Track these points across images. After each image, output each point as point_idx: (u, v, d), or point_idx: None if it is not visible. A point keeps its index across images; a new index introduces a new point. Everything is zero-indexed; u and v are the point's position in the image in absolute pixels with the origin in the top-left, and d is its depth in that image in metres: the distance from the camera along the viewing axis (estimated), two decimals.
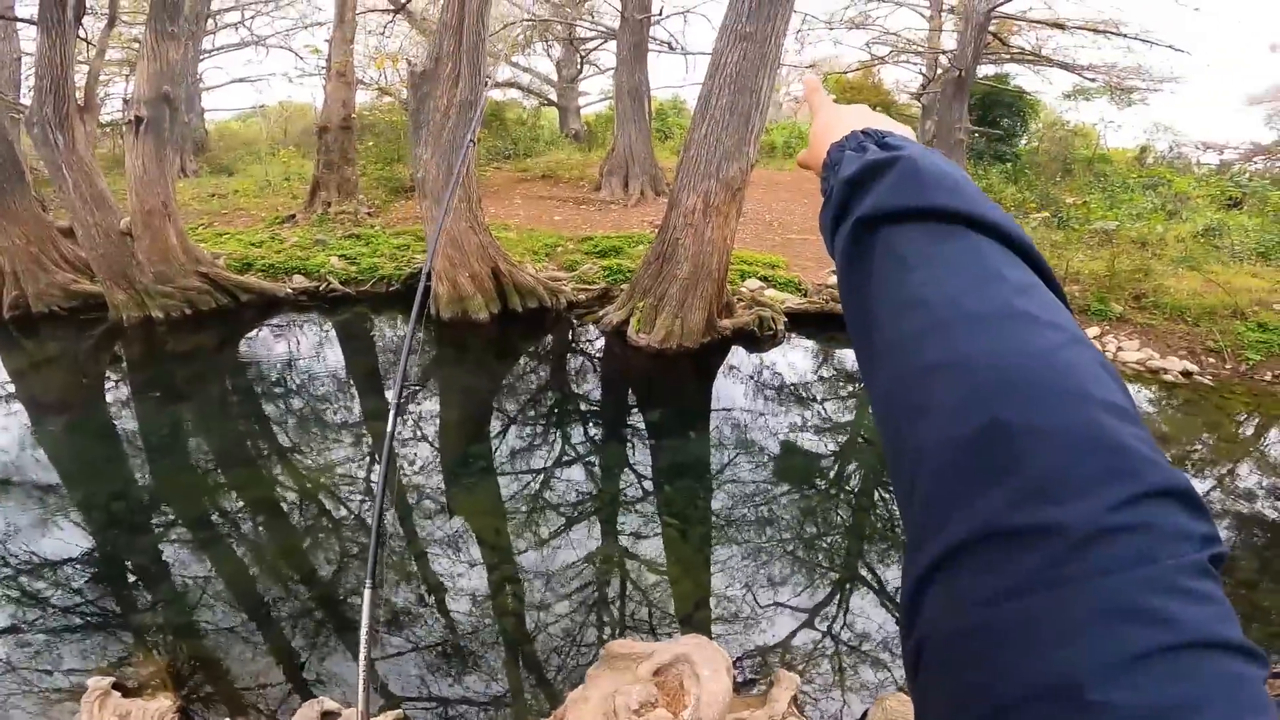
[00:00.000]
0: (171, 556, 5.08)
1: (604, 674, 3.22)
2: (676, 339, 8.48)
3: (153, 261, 8.39)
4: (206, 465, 6.40)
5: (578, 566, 5.26)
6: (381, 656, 4.27)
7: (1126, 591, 0.33)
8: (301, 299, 9.70)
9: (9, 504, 5.50)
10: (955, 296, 0.47)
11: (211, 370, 8.05)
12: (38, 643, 4.13)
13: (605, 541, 5.60)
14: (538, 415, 7.69)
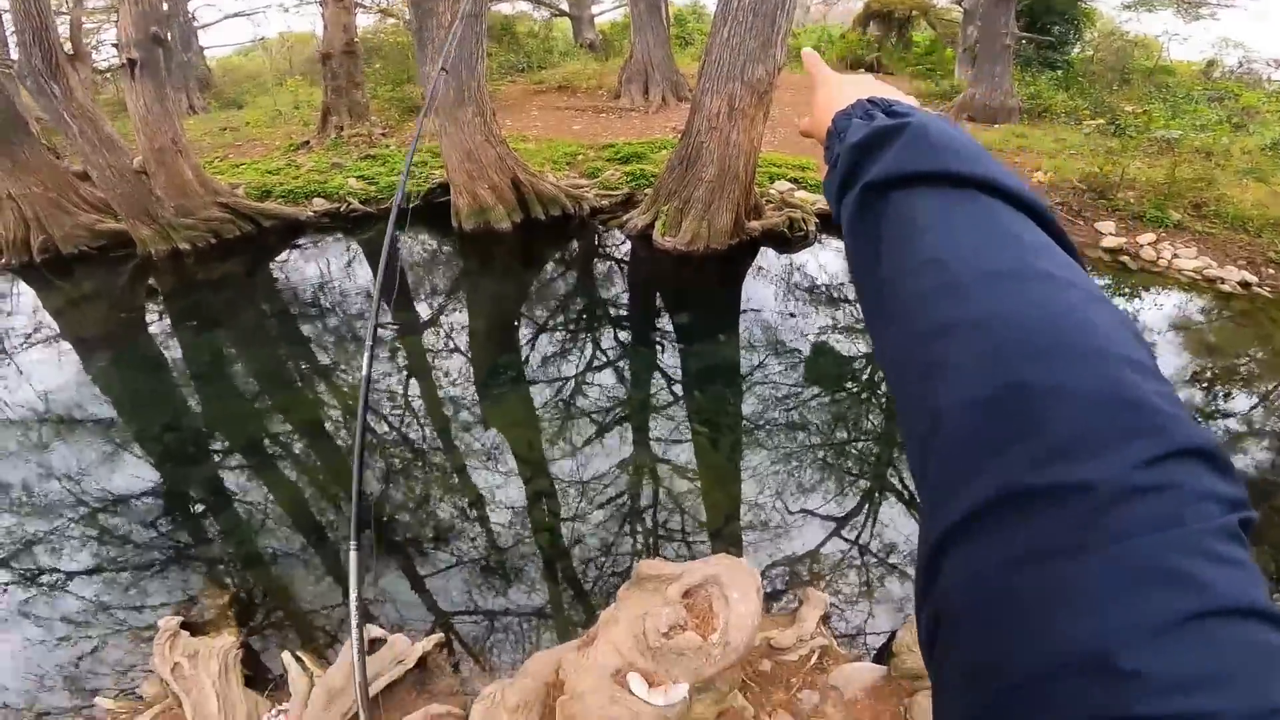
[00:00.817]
0: (225, 485, 5.20)
1: (634, 594, 3.22)
2: (703, 241, 8.37)
3: (171, 196, 8.49)
4: (250, 390, 6.50)
5: (610, 476, 5.29)
6: (430, 573, 4.41)
7: (1155, 554, 0.32)
8: (323, 221, 9.76)
9: (71, 441, 5.66)
10: (970, 257, 0.46)
11: (244, 296, 8.15)
12: (107, 582, 4.30)
13: (636, 450, 5.62)
14: (565, 321, 7.70)
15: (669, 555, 4.66)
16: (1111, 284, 8.33)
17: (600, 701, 2.70)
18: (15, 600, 4.14)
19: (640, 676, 2.80)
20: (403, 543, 4.63)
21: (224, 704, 3.04)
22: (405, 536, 4.69)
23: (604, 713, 2.67)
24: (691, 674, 2.77)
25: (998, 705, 0.33)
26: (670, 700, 2.70)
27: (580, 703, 2.72)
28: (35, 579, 4.31)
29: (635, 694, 2.74)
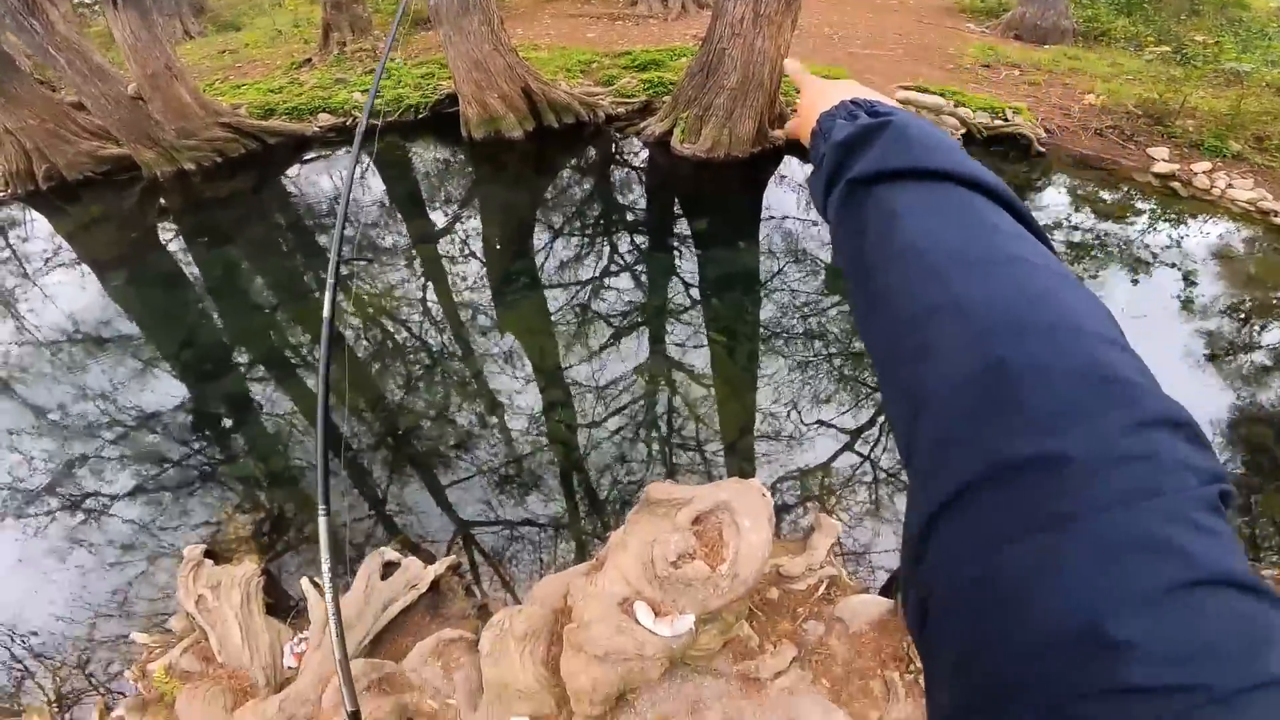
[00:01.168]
0: (244, 401, 5.24)
1: (643, 519, 3.13)
2: (724, 149, 8.05)
3: (170, 120, 8.36)
4: (265, 302, 6.51)
5: (626, 382, 5.26)
6: (450, 483, 4.46)
7: (1138, 524, 0.33)
8: (330, 135, 9.54)
9: (100, 360, 5.75)
10: (951, 245, 0.48)
11: (253, 211, 8.08)
12: (139, 506, 4.39)
13: (652, 357, 5.57)
14: (580, 227, 7.54)
15: (683, 463, 4.70)
16: (1156, 208, 7.97)
17: (606, 631, 2.71)
18: (64, 527, 4.27)
19: (647, 606, 2.79)
20: (422, 452, 4.70)
21: (247, 635, 3.11)
22: (423, 445, 4.76)
23: (610, 643, 2.68)
24: (698, 605, 2.75)
25: (991, 681, 0.34)
26: (676, 631, 2.69)
27: (587, 632, 2.73)
28: (76, 505, 4.44)
29: (641, 624, 2.74)
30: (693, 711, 2.88)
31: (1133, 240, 7.36)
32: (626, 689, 2.84)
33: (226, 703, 2.88)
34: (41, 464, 4.74)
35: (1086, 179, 8.45)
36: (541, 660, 2.86)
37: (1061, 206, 7.97)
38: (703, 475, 4.59)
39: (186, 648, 3.17)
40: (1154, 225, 7.66)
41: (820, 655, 3.19)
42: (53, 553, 4.12)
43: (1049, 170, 8.61)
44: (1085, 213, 7.83)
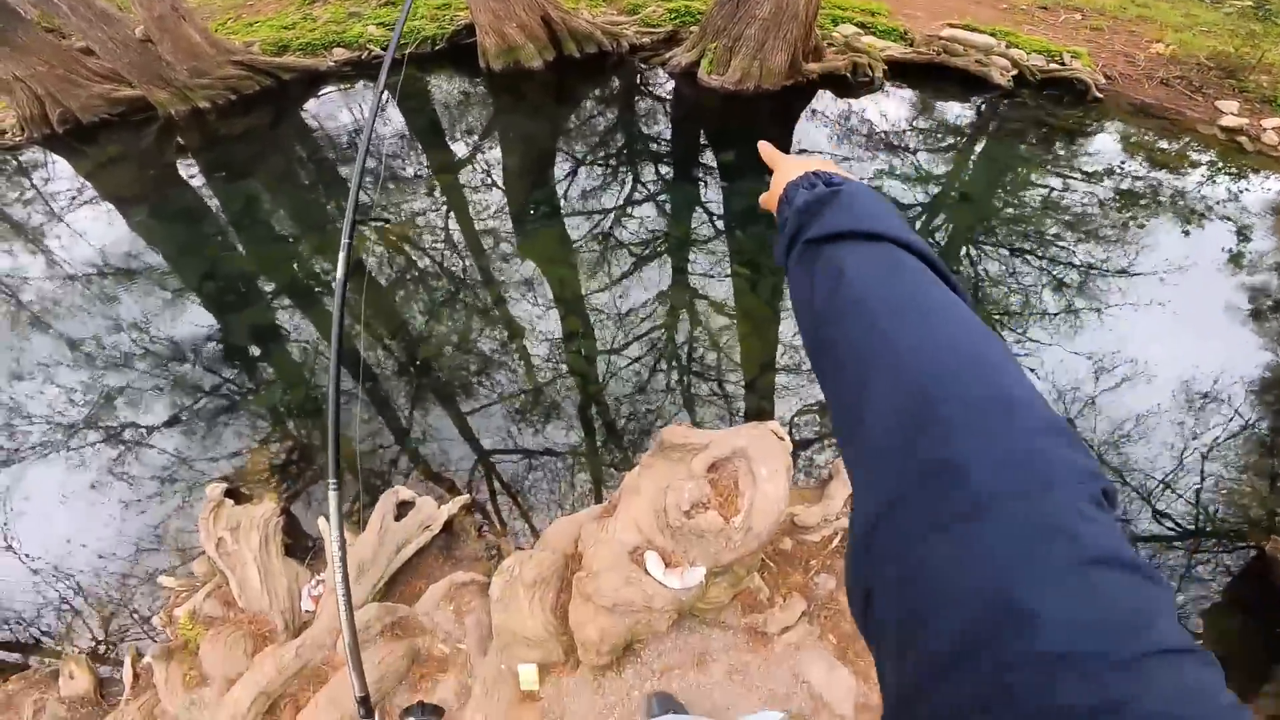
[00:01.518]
0: (268, 332, 5.27)
1: (657, 463, 3.05)
2: (754, 81, 7.74)
3: (181, 60, 8.24)
4: (285, 233, 6.50)
5: (646, 312, 5.22)
6: (472, 409, 4.48)
7: (1037, 512, 0.40)
8: (345, 70, 9.33)
9: (127, 293, 5.82)
10: (883, 294, 0.58)
11: (271, 146, 8.00)
12: (167, 436, 4.46)
13: (673, 288, 5.50)
14: (602, 157, 7.37)
15: (702, 394, 4.70)
16: (1217, 161, 7.61)
17: (615, 582, 2.69)
18: (104, 459, 4.37)
19: (658, 556, 2.75)
20: (442, 379, 4.75)
21: (265, 579, 3.15)
22: (444, 373, 4.81)
23: (618, 594, 2.66)
24: (710, 558, 2.71)
25: (929, 658, 0.39)
26: (686, 584, 2.66)
27: (596, 582, 2.71)
28: (114, 437, 4.54)
29: (651, 574, 2.70)
30: (698, 663, 2.89)
31: (1187, 191, 7.04)
32: (634, 639, 2.86)
33: (247, 648, 2.93)
34: (81, 396, 4.83)
35: (1145, 127, 8.07)
36: (550, 608, 2.87)
37: (1113, 152, 7.63)
38: (721, 408, 4.59)
39: (209, 593, 3.23)
40: (1213, 178, 7.32)
41: (830, 610, 3.17)
42: (94, 486, 4.22)
43: (1105, 116, 8.22)
44: (1139, 160, 7.49)
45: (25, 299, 5.85)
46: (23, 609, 3.69)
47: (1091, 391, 4.81)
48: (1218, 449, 4.52)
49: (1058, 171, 7.28)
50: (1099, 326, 5.33)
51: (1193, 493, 4.25)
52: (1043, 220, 6.55)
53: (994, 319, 5.39)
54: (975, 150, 7.81)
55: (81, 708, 3.05)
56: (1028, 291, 5.70)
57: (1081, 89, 8.33)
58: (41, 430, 4.63)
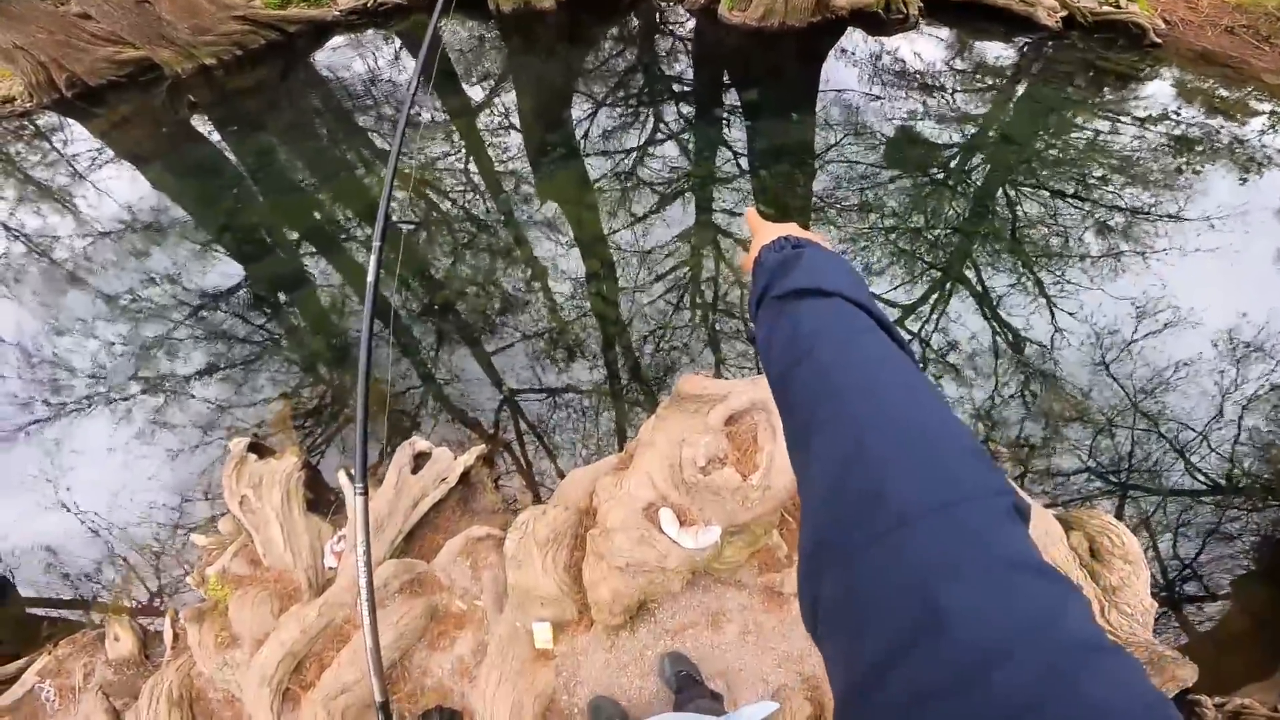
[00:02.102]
0: (290, 280, 5.30)
1: (673, 414, 2.96)
2: (779, 17, 7.45)
3: (181, 18, 8.14)
4: (302, 182, 6.50)
5: (669, 250, 5.19)
6: (495, 350, 4.51)
7: (955, 523, 0.45)
8: (352, 19, 9.13)
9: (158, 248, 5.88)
10: (830, 346, 0.65)
11: (283, 98, 7.93)
12: (194, 388, 4.54)
13: (696, 227, 5.45)
14: (620, 98, 7.23)
15: (727, 330, 4.67)
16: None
17: (629, 541, 2.65)
18: (148, 410, 4.47)
19: (672, 514, 2.70)
20: (467, 320, 4.78)
21: (288, 535, 3.18)
22: (469, 315, 4.84)
23: (632, 554, 2.63)
24: (726, 517, 2.65)
25: (869, 663, 0.43)
26: (700, 544, 2.61)
27: (609, 540, 2.68)
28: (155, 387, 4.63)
29: (665, 533, 2.65)
30: (713, 623, 2.87)
31: (1246, 138, 6.69)
32: (647, 599, 2.84)
33: (274, 607, 2.97)
34: (121, 348, 4.93)
35: (1205, 74, 7.65)
36: (564, 566, 2.85)
37: (1168, 97, 7.27)
38: (746, 345, 4.56)
39: (236, 552, 3.27)
40: (1275, 125, 6.93)
41: None
42: (139, 437, 4.33)
43: (1162, 62, 7.81)
44: (1196, 106, 7.12)
45: (59, 257, 5.93)
46: (75, 566, 3.82)
47: (1130, 336, 4.68)
48: (1258, 402, 4.38)
49: (1106, 115, 6.93)
50: (1143, 270, 5.15)
51: (1228, 446, 4.14)
52: (1088, 163, 6.26)
53: (1033, 259, 5.25)
54: (1017, 92, 7.44)
55: (128, 669, 3.14)
56: (1068, 233, 5.51)
57: (1138, 33, 7.91)
58: (86, 384, 4.73)
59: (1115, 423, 4.18)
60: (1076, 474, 3.96)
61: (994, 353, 4.55)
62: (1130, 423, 4.18)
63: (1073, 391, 4.31)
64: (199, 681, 2.89)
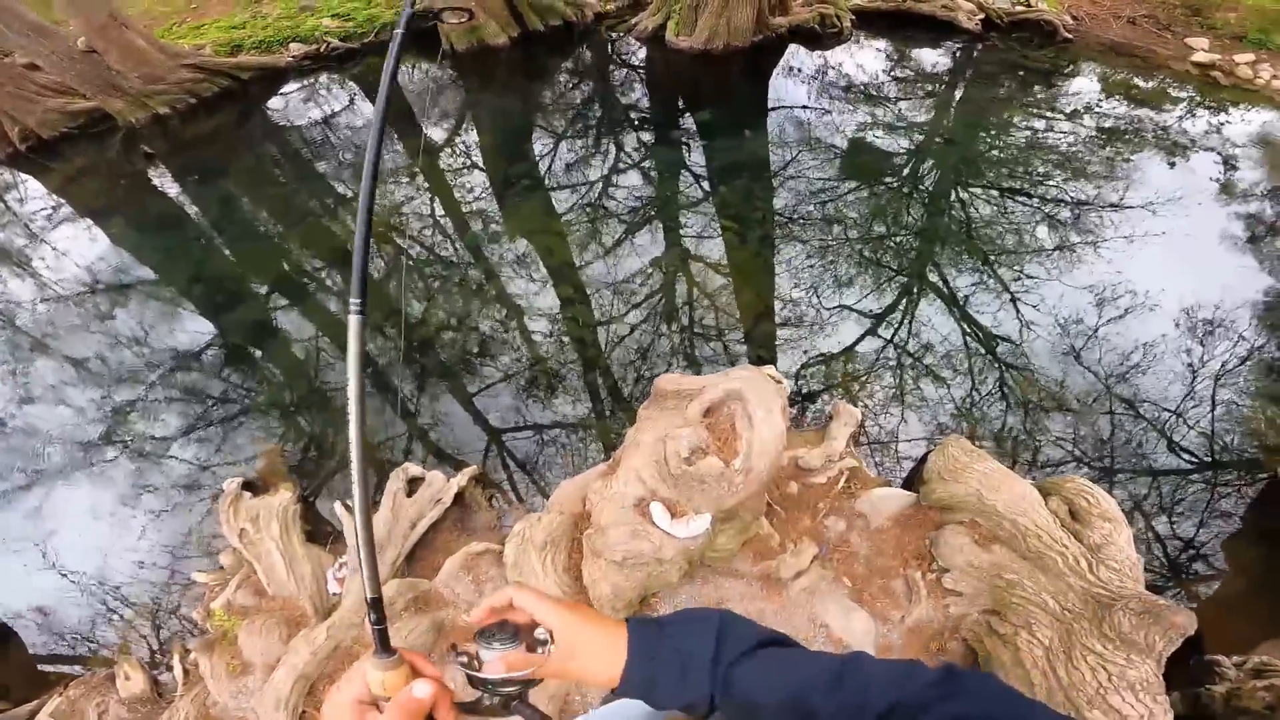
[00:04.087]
0: (266, 330, 5.36)
1: (654, 413, 3.13)
2: (722, 39, 7.91)
3: (131, 68, 8.24)
4: (266, 229, 6.58)
5: (640, 277, 5.38)
6: (477, 391, 4.62)
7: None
8: (306, 64, 9.38)
9: (122, 309, 5.88)
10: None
11: (241, 145, 8.07)
12: (184, 445, 4.58)
13: (665, 250, 5.67)
14: (579, 129, 7.51)
15: (705, 355, 4.81)
16: (1196, 96, 7.93)
17: (623, 536, 2.79)
18: (125, 472, 4.51)
19: (663, 507, 2.85)
20: (446, 362, 4.87)
21: (290, 565, 3.31)
22: (447, 356, 4.93)
23: (627, 547, 2.77)
24: (714, 503, 2.81)
25: None
26: (693, 532, 2.76)
27: (604, 537, 2.82)
28: (131, 450, 4.65)
29: (658, 525, 2.80)
30: None
31: (1169, 126, 7.30)
32: (648, 593, 2.98)
33: (282, 634, 3.08)
34: (94, 413, 4.93)
35: (1118, 66, 8.37)
36: (564, 568, 3.01)
37: (1092, 92, 7.91)
38: (726, 365, 4.67)
39: (239, 584, 3.38)
40: (1192, 112, 7.60)
41: (842, 553, 3.28)
42: (121, 500, 4.35)
43: (1077, 57, 8.51)
44: (1117, 98, 7.75)
45: (22, 324, 5.90)
46: (73, 621, 3.85)
47: (1095, 323, 4.96)
48: (1227, 376, 4.66)
49: (1039, 113, 7.48)
50: (1096, 260, 5.50)
51: (1206, 422, 4.37)
52: (1030, 160, 6.71)
53: (991, 257, 5.58)
54: (955, 96, 7.98)
55: (141, 706, 3.20)
56: (1021, 229, 5.87)
57: (1050, 30, 8.63)
58: (62, 449, 4.75)
59: (1093, 409, 4.39)
60: (1063, 464, 4.12)
61: (967, 351, 4.76)
62: (1108, 407, 4.40)
63: (1048, 383, 4.53)
64: (214, 710, 2.96)
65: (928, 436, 4.14)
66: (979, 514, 3.23)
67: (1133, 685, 2.46)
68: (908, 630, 3.08)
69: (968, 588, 3.07)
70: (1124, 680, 2.47)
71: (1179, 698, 2.83)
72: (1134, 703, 2.44)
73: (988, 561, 3.08)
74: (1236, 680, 2.92)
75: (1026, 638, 2.78)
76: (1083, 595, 2.82)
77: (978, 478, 3.28)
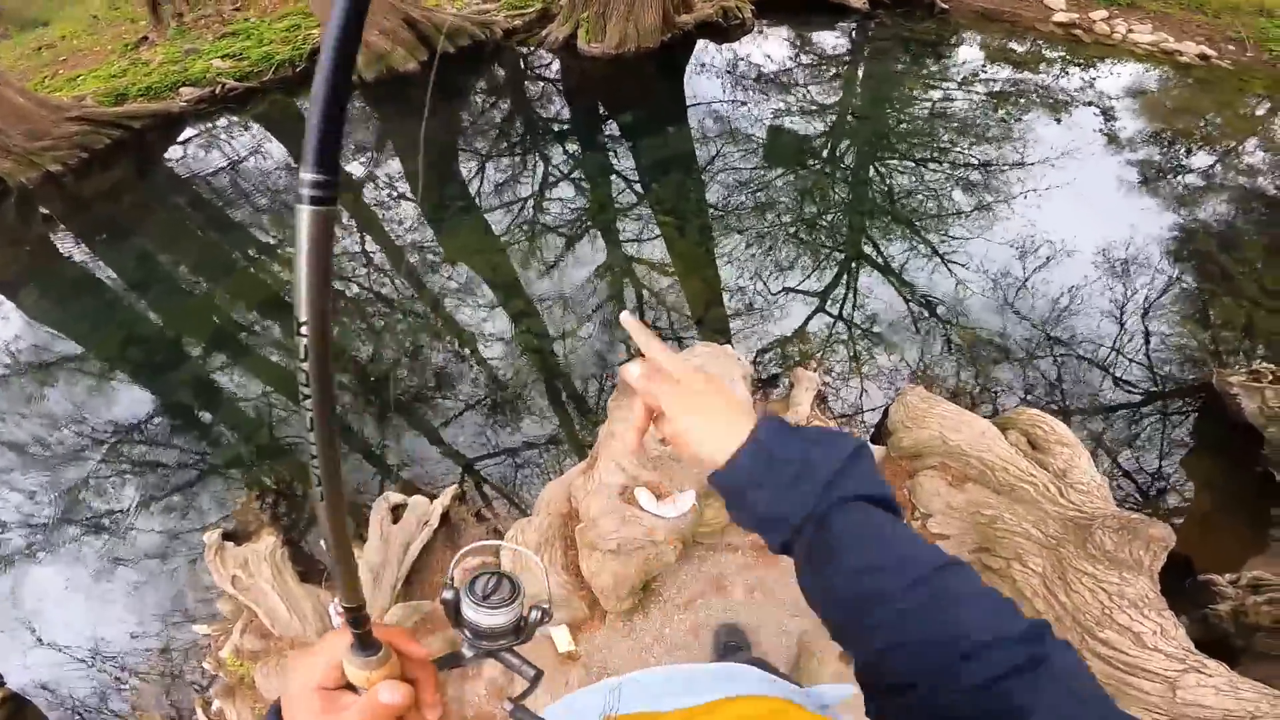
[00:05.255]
0: (209, 388, 5.22)
1: (623, 403, 3.25)
2: (633, 42, 8.14)
3: (9, 124, 7.73)
4: (193, 283, 6.34)
5: (586, 284, 5.50)
6: (443, 423, 4.63)
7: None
8: (202, 107, 8.94)
9: (51, 387, 5.60)
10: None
11: (147, 198, 7.72)
12: (147, 514, 4.46)
13: (605, 252, 5.83)
14: (500, 146, 7.58)
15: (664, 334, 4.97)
16: (1066, 55, 8.66)
17: (612, 525, 2.91)
18: (93, 549, 4.37)
19: (648, 491, 3.00)
20: (406, 399, 4.85)
21: (290, 603, 3.31)
22: (406, 393, 4.91)
23: (619, 534, 2.89)
24: (695, 479, 2.97)
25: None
26: (680, 510, 2.91)
27: (595, 528, 2.93)
28: (95, 527, 4.50)
29: (645, 509, 2.95)
30: (718, 589, 3.15)
31: (1049, 85, 7.98)
32: (649, 577, 3.10)
33: None
34: (45, 496, 4.75)
35: (993, 32, 9.09)
36: (561, 566, 3.11)
37: (976, 60, 8.57)
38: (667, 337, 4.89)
39: (244, 629, 3.34)
40: (1066, 71, 8.32)
41: None
42: (95, 576, 4.24)
43: (956, 28, 9.19)
44: (999, 64, 8.41)
45: None
46: (83, 693, 3.75)
47: (1022, 275, 5.40)
48: (1153, 308, 5.14)
49: (934, 84, 8.02)
50: (1011, 216, 5.98)
51: (1143, 354, 4.81)
52: (935, 130, 7.20)
53: (917, 224, 5.96)
54: (858, 74, 8.50)
55: None
56: (939, 196, 6.32)
57: (928, 2, 9.37)
58: (20, 534, 4.57)
59: (1036, 354, 4.77)
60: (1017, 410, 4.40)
61: (911, 315, 5.08)
62: (1049, 352, 4.78)
63: (989, 335, 4.90)
64: None
65: (888, 398, 4.39)
66: (946, 456, 3.49)
67: (1134, 602, 2.65)
68: None
69: (953, 529, 3.30)
70: (1124, 598, 2.66)
71: (1186, 622, 2.87)
72: (1141, 620, 2.61)
73: (964, 501, 3.32)
74: (1238, 598, 3.06)
75: (1020, 568, 2.99)
76: (1060, 520, 3.05)
77: (937, 420, 3.55)
